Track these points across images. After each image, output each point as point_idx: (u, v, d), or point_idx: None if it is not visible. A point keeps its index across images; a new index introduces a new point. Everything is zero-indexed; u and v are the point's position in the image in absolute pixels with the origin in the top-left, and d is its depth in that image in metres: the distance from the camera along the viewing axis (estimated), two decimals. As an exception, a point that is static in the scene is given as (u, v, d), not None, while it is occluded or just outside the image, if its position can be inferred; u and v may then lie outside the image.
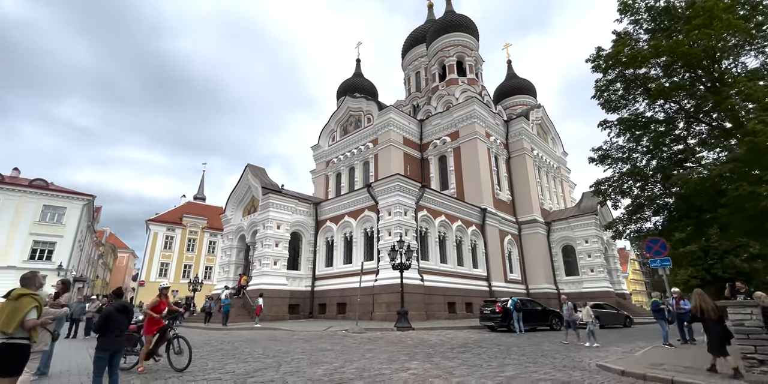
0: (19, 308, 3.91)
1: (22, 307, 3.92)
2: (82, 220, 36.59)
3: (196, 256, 49.54)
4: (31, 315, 3.96)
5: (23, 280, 4.28)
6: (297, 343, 11.54)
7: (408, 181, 22.12)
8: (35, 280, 4.33)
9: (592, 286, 28.90)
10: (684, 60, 17.40)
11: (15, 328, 3.83)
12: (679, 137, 20.17)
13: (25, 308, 3.92)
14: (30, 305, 3.97)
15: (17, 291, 4.05)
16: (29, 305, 3.97)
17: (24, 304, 3.94)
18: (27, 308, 3.94)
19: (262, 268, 22.83)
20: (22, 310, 3.90)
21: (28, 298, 4.01)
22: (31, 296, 4.03)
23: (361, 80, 47.85)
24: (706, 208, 17.51)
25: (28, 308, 3.94)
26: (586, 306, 12.41)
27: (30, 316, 3.95)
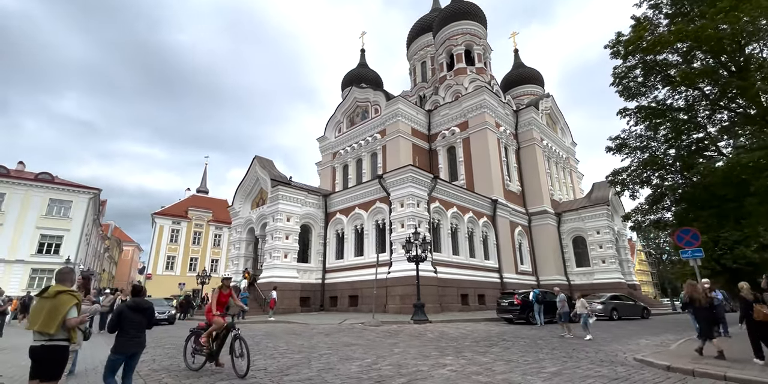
0: (59, 307, 3.60)
1: (61, 305, 3.61)
2: (89, 214, 36.39)
3: (202, 249, 49.48)
4: (72, 314, 3.68)
5: (59, 275, 3.97)
6: (318, 338, 11.31)
7: (420, 173, 21.76)
8: (71, 276, 4.03)
9: (603, 277, 28.68)
10: (708, 45, 16.92)
11: (57, 329, 3.54)
12: (699, 125, 19.77)
13: (65, 306, 3.63)
14: (70, 303, 3.68)
15: (54, 288, 3.72)
16: (69, 303, 3.67)
17: (63, 301, 3.63)
18: (67, 306, 3.64)
19: (272, 261, 22.62)
20: (62, 309, 3.60)
21: (67, 295, 3.69)
22: (69, 293, 3.71)
23: (366, 71, 47.16)
24: (729, 197, 17.23)
25: (68, 306, 3.65)
26: (581, 298, 12.18)
27: (71, 314, 3.67)
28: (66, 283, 3.89)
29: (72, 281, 4.02)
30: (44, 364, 3.54)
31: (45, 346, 3.53)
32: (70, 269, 4.12)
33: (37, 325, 3.52)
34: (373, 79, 44.92)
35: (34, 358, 3.54)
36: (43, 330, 3.50)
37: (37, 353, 3.54)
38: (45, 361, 3.54)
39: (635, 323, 17.26)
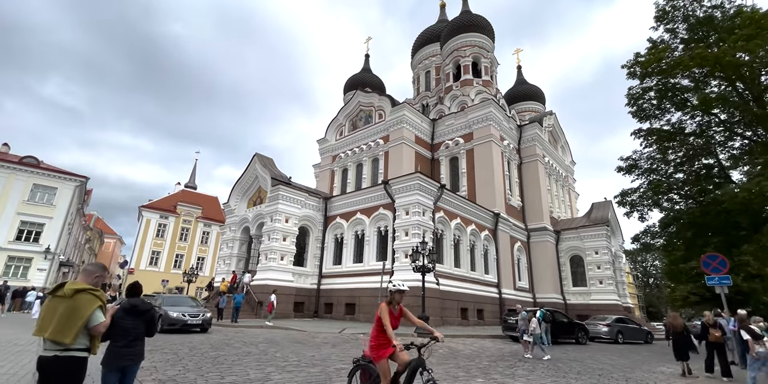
0: (79, 309, 2.91)
1: (81, 307, 2.92)
2: (74, 202, 34.92)
3: (189, 246, 47.97)
4: (96, 318, 2.99)
5: (86, 269, 3.30)
6: (325, 348, 10.58)
7: (428, 181, 21.29)
8: (95, 273, 3.24)
9: (600, 298, 28.45)
10: (728, 71, 16.95)
11: (74, 337, 2.85)
12: (710, 151, 19.78)
13: (86, 309, 2.93)
14: (92, 305, 2.98)
15: (72, 286, 3.00)
16: (92, 305, 2.97)
17: (83, 303, 2.94)
18: (89, 309, 2.95)
19: (268, 263, 21.75)
20: (82, 312, 2.91)
21: (87, 294, 2.99)
22: (90, 293, 3.01)
23: (369, 76, 47.01)
24: (742, 225, 17.11)
25: (90, 309, 2.95)
26: (525, 314, 11.89)
27: (95, 319, 2.98)
28: (87, 279, 3.19)
29: (94, 278, 3.23)
30: (57, 380, 2.85)
31: (59, 358, 2.84)
32: (102, 266, 3.40)
33: (49, 331, 2.82)
34: (377, 84, 44.74)
35: (44, 371, 2.85)
36: (56, 338, 2.80)
37: (49, 365, 2.84)
38: (58, 376, 2.85)
39: (643, 348, 16.88)
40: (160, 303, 14.33)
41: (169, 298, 15.72)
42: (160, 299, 15.12)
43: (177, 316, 13.37)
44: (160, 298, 15.39)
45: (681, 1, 19.19)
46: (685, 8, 19.22)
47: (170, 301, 15.02)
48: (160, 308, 13.67)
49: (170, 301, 15.02)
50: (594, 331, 17.51)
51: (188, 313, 13.62)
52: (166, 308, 13.76)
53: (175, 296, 17.56)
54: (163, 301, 14.73)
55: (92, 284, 3.16)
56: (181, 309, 13.97)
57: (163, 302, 14.50)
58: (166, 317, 13.25)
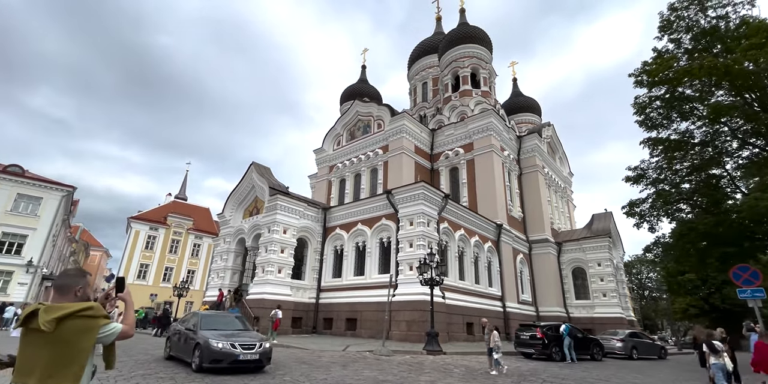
0: (72, 345, 2.07)
1: (76, 342, 2.08)
2: (59, 213, 33.60)
3: (179, 259, 46.41)
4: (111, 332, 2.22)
5: (59, 282, 2.35)
6: (336, 369, 9.72)
7: (432, 190, 20.70)
8: (77, 283, 2.33)
9: (604, 311, 27.79)
10: (738, 80, 16.83)
11: (76, 380, 2.07)
12: (717, 161, 19.56)
13: (84, 340, 2.10)
14: (91, 332, 2.13)
15: (48, 314, 2.04)
16: (90, 332, 2.11)
17: (76, 335, 2.08)
18: (89, 338, 2.12)
19: (265, 276, 20.77)
20: (81, 346, 2.09)
21: (77, 320, 2.09)
22: (79, 316, 2.09)
23: (366, 86, 46.99)
24: (757, 235, 16.74)
25: (91, 336, 2.13)
26: (492, 331, 11.36)
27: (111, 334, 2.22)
28: (68, 297, 2.28)
29: (77, 293, 2.32)
30: None
31: None
32: (78, 271, 2.45)
33: (36, 378, 2.01)
34: (374, 95, 44.61)
35: None
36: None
37: None
38: None
39: (660, 364, 16.20)
40: (195, 324, 9.83)
41: (208, 318, 10.44)
42: (195, 319, 10.33)
43: (224, 347, 8.60)
44: (194, 318, 10.54)
45: (685, 11, 19.22)
46: (689, 18, 19.25)
47: (209, 322, 10.15)
48: (196, 333, 9.33)
49: (209, 322, 10.15)
50: (608, 346, 16.82)
51: (240, 343, 8.84)
52: (206, 334, 9.11)
53: (216, 315, 11.67)
54: (199, 321, 9.90)
55: (77, 300, 2.27)
56: (229, 336, 9.18)
57: (199, 324, 9.74)
58: (207, 349, 8.60)
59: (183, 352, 9.85)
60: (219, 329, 9.68)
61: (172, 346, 10.72)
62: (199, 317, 10.32)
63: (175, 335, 10.65)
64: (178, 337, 10.40)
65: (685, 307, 40.30)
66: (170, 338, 11.03)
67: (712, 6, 18.59)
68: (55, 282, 2.41)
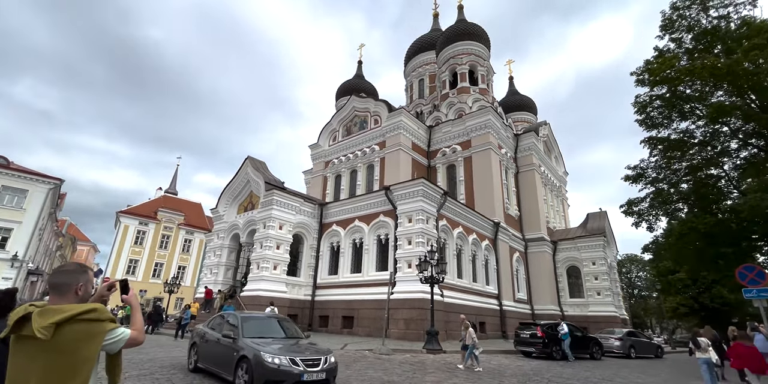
0: (72, 355, 1.78)
1: (77, 350, 1.78)
2: (46, 207, 32.69)
3: (170, 254, 45.59)
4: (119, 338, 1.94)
5: (54, 279, 2.00)
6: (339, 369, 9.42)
7: (432, 187, 20.45)
8: (77, 280, 2.00)
9: (598, 310, 27.91)
10: (742, 80, 16.83)
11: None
12: (715, 162, 19.61)
13: (88, 348, 1.81)
14: (96, 338, 1.84)
15: (43, 319, 1.74)
16: (95, 338, 1.83)
17: (78, 342, 1.79)
18: (94, 345, 1.83)
19: (260, 272, 20.37)
20: (83, 355, 1.80)
21: (78, 325, 1.80)
22: (81, 320, 1.81)
23: (362, 82, 46.52)
24: (755, 236, 16.80)
25: (96, 343, 1.83)
26: (468, 328, 11.67)
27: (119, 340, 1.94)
28: (67, 297, 1.95)
29: (78, 292, 1.99)
30: None
31: None
32: (78, 266, 2.09)
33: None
34: (370, 90, 44.08)
35: None
36: None
37: None
38: None
39: (658, 363, 16.22)
40: (235, 330, 7.59)
41: (251, 322, 8.06)
42: (232, 322, 8.01)
43: (282, 364, 6.42)
44: (231, 320, 8.14)
45: (687, 10, 19.16)
46: (691, 18, 19.20)
47: (253, 326, 7.89)
48: (237, 342, 7.18)
49: (253, 326, 7.89)
50: (606, 345, 16.80)
51: (303, 359, 6.63)
52: (253, 344, 6.92)
53: (257, 317, 8.83)
54: (240, 326, 7.66)
55: (78, 301, 1.96)
56: (284, 348, 6.99)
57: (241, 329, 7.54)
58: (260, 366, 6.40)
59: (219, 365, 7.54)
60: (266, 336, 7.55)
61: (201, 355, 8.34)
62: (239, 320, 7.85)
63: (205, 342, 8.32)
64: (208, 345, 8.14)
65: (675, 306, 40.77)
66: (196, 345, 8.67)
67: (714, 6, 18.55)
68: (52, 279, 2.02)
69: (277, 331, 8.19)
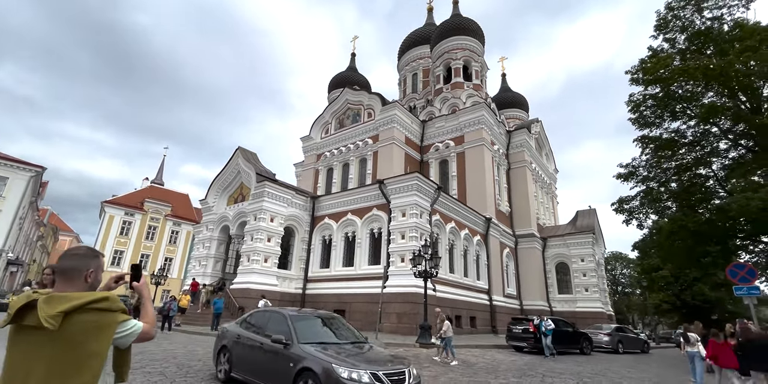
0: (82, 347, 1.60)
1: (85, 342, 1.60)
2: (27, 195, 31.74)
3: (156, 246, 44.77)
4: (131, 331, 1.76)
5: (62, 264, 1.81)
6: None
7: (426, 181, 20.37)
8: (88, 265, 1.81)
9: (585, 306, 28.35)
10: (733, 81, 17.04)
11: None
12: (704, 161, 19.92)
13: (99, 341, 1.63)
14: (108, 329, 1.66)
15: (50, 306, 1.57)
16: (106, 330, 1.65)
17: (87, 333, 1.61)
18: (105, 337, 1.65)
19: (251, 265, 20.10)
20: (92, 349, 1.61)
21: (89, 314, 1.62)
22: (91, 309, 1.63)
23: (355, 74, 46.07)
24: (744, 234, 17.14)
25: (107, 335, 1.65)
26: (444, 321, 11.90)
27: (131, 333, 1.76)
28: (76, 283, 1.76)
29: (88, 278, 1.80)
30: None
31: None
32: (88, 250, 1.89)
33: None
34: (363, 83, 43.69)
35: None
36: None
37: None
38: None
39: (645, 358, 16.52)
40: (286, 332, 6.06)
41: (304, 323, 6.47)
42: (279, 321, 6.53)
43: (362, 380, 4.96)
44: (276, 318, 6.70)
45: (682, 11, 19.29)
46: (685, 18, 19.35)
47: (309, 329, 6.41)
48: (291, 348, 5.73)
49: (309, 329, 6.41)
50: (595, 340, 17.03)
51: (385, 372, 5.18)
52: (315, 352, 5.52)
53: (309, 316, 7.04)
54: (294, 329, 6.12)
55: (87, 288, 1.78)
56: (355, 356, 5.55)
57: (293, 333, 6.02)
58: (333, 382, 4.98)
59: (266, 377, 6.03)
60: (327, 342, 6.03)
61: (237, 363, 6.71)
62: (289, 320, 6.28)
63: (241, 346, 6.76)
64: (247, 351, 6.57)
65: (658, 302, 41.67)
66: (227, 349, 7.02)
67: (708, 7, 18.70)
68: (60, 264, 1.82)
69: (336, 334, 6.59)
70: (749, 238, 17.08)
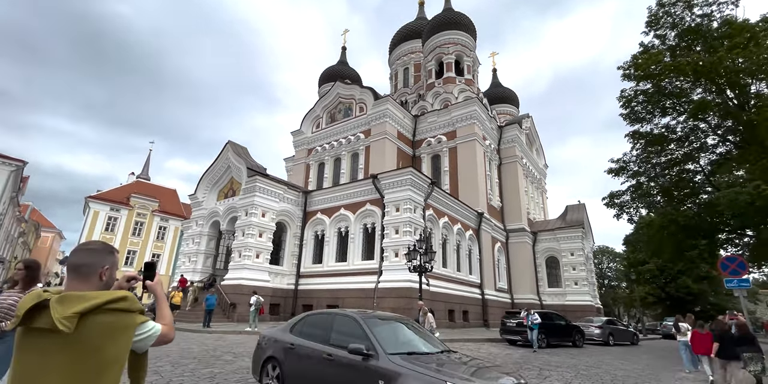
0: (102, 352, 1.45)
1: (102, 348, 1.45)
2: (7, 190, 30.76)
3: (143, 242, 43.93)
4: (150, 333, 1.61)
5: (74, 259, 1.64)
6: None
7: (420, 176, 20.30)
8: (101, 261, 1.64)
9: (575, 299, 28.77)
10: (723, 77, 17.29)
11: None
12: (692, 157, 20.24)
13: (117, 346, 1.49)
14: (126, 333, 1.51)
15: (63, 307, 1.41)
16: (124, 333, 1.51)
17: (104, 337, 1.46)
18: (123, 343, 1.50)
19: (242, 261, 19.83)
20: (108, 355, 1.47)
21: (106, 316, 1.47)
22: (109, 310, 1.48)
23: (346, 68, 45.73)
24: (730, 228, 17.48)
25: (125, 341, 1.51)
26: (427, 314, 12.09)
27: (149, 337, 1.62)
28: (90, 281, 1.60)
29: (104, 274, 1.64)
30: None
31: None
32: (103, 245, 1.73)
33: None
34: (354, 77, 43.40)
35: None
36: None
37: None
38: None
39: (635, 350, 16.81)
40: (372, 345, 4.56)
41: (385, 329, 5.18)
42: (355, 325, 5.11)
43: None
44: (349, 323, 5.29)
45: (673, 8, 19.44)
46: (676, 15, 19.51)
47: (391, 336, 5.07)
48: (378, 359, 4.39)
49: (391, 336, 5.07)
50: (587, 333, 17.27)
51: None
52: (423, 369, 4.06)
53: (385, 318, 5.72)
54: (375, 336, 4.74)
55: (102, 287, 1.62)
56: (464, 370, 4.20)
57: (375, 340, 4.66)
58: None
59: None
60: (416, 352, 4.69)
61: (292, 377, 5.33)
62: (364, 325, 4.96)
63: (298, 359, 5.39)
64: (307, 363, 5.24)
65: (644, 295, 42.52)
66: (275, 360, 5.66)
67: (698, 4, 18.86)
68: (72, 259, 1.64)
69: (417, 340, 5.20)
70: (735, 232, 17.43)
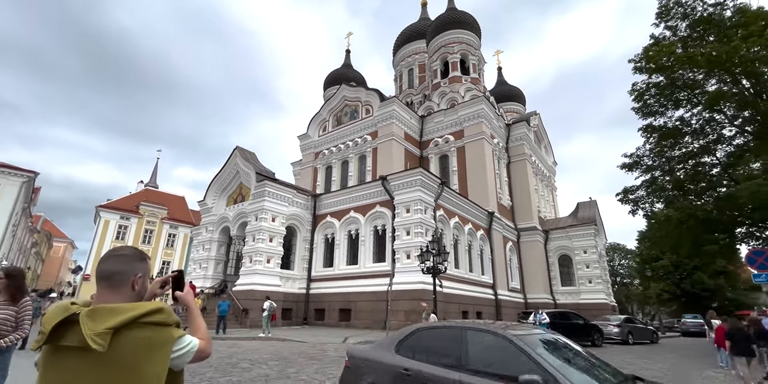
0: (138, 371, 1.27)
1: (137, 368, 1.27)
2: (19, 201, 31.09)
3: (153, 250, 44.11)
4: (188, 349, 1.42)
5: (106, 266, 1.46)
6: (350, 364, 9.02)
7: (430, 176, 20.09)
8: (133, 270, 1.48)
9: (589, 297, 28.29)
10: (740, 66, 16.89)
11: None
12: (708, 149, 19.79)
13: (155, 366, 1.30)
14: (162, 349, 1.33)
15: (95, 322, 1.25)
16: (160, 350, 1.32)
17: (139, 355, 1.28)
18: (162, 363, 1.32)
19: (253, 266, 19.73)
20: (151, 374, 1.29)
21: (142, 330, 1.31)
22: (145, 324, 1.31)
23: (351, 71, 45.73)
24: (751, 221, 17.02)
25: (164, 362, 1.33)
26: (431, 314, 12.20)
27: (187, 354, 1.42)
28: (122, 292, 1.44)
29: (137, 283, 1.48)
30: None
31: None
32: (134, 251, 1.58)
33: None
34: (359, 80, 43.30)
35: None
36: None
37: None
38: None
39: (657, 348, 16.38)
40: (547, 375, 3.04)
41: (551, 350, 3.57)
42: (512, 349, 3.41)
43: None
44: (503, 345, 3.51)
45: None
46: (687, 5, 19.13)
47: (566, 363, 3.47)
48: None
49: (566, 363, 3.47)
50: (605, 331, 16.89)
51: None
52: None
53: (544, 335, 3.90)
54: (546, 361, 3.22)
55: (135, 298, 1.47)
56: None
57: (554, 370, 3.11)
58: None
59: None
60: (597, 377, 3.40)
61: None
62: (528, 349, 3.39)
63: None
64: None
65: (659, 292, 41.77)
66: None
67: None
68: (102, 267, 1.47)
69: (591, 366, 3.67)
70: (756, 225, 16.96)
